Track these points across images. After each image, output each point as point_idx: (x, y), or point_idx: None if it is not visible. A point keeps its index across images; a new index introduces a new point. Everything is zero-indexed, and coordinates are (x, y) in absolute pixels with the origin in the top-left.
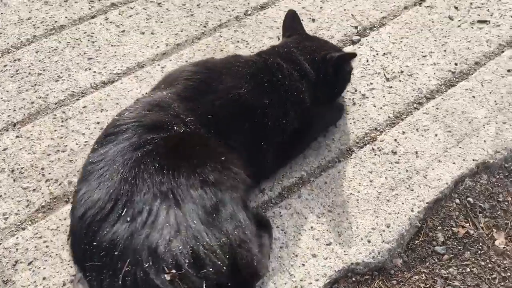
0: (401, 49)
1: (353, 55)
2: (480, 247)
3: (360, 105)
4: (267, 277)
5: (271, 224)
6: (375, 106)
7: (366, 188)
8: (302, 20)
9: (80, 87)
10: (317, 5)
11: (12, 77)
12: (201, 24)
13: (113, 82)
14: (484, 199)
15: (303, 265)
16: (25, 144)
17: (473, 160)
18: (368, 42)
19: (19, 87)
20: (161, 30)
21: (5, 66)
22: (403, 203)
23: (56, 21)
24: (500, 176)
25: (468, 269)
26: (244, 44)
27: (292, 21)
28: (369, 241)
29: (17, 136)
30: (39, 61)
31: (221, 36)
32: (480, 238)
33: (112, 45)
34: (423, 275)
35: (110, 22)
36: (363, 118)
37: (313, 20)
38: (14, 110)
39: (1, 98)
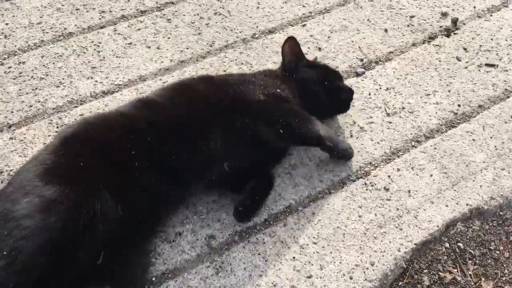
0: (404, 85)
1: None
2: None
3: (357, 138)
4: None
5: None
6: (372, 140)
7: (354, 223)
8: (309, 48)
9: (79, 95)
10: (325, 34)
11: (14, 79)
12: (207, 43)
13: (113, 93)
14: (475, 245)
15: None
16: (17, 146)
17: (467, 204)
18: (372, 75)
19: (20, 90)
20: (167, 46)
21: (9, 68)
22: (390, 242)
23: (65, 28)
24: (493, 224)
25: None
26: (248, 66)
27: None
28: (351, 278)
29: (10, 138)
30: (43, 65)
31: (226, 57)
32: (467, 286)
33: (117, 56)
34: None
35: (118, 34)
36: (358, 151)
37: (320, 49)
38: (12, 112)
39: (1, 99)
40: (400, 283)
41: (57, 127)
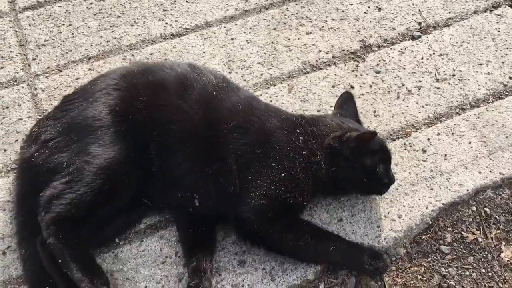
0: (458, 53)
1: (373, 134)
2: (485, 255)
3: (403, 100)
4: None
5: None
6: (417, 104)
7: None
8: (369, 7)
9: (151, 35)
10: None
11: (95, 15)
12: None
13: (181, 36)
14: (501, 212)
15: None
16: (94, 77)
17: (500, 173)
18: (428, 40)
19: (99, 25)
20: None
21: (91, 4)
22: (419, 199)
23: None
24: None
25: (467, 273)
26: (307, 21)
27: (344, 102)
28: (378, 226)
29: (89, 69)
30: (121, 4)
31: (288, 10)
32: (487, 247)
33: (187, 1)
34: (423, 268)
35: None
36: (402, 113)
37: (379, 9)
38: (91, 45)
39: (83, 32)
40: (423, 236)
41: (129, 63)
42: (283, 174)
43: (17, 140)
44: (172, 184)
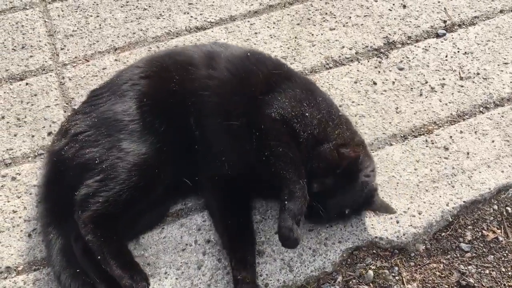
0: (484, 52)
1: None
2: (505, 255)
3: (426, 97)
4: None
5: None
6: (440, 101)
7: (408, 175)
8: (393, 4)
9: (176, 28)
10: None
11: (122, 7)
12: None
13: (205, 29)
14: None
15: (331, 226)
16: (120, 67)
17: None
18: (453, 38)
19: (126, 17)
20: None
21: None
22: (440, 196)
23: None
24: None
25: (487, 271)
26: (331, 17)
27: None
28: (397, 222)
29: (115, 60)
30: None
31: (312, 6)
32: (508, 247)
33: None
34: (442, 265)
35: None
36: (425, 110)
37: (404, 6)
38: (118, 37)
39: (110, 24)
40: (443, 233)
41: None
42: (315, 121)
43: (44, 127)
44: (210, 151)
